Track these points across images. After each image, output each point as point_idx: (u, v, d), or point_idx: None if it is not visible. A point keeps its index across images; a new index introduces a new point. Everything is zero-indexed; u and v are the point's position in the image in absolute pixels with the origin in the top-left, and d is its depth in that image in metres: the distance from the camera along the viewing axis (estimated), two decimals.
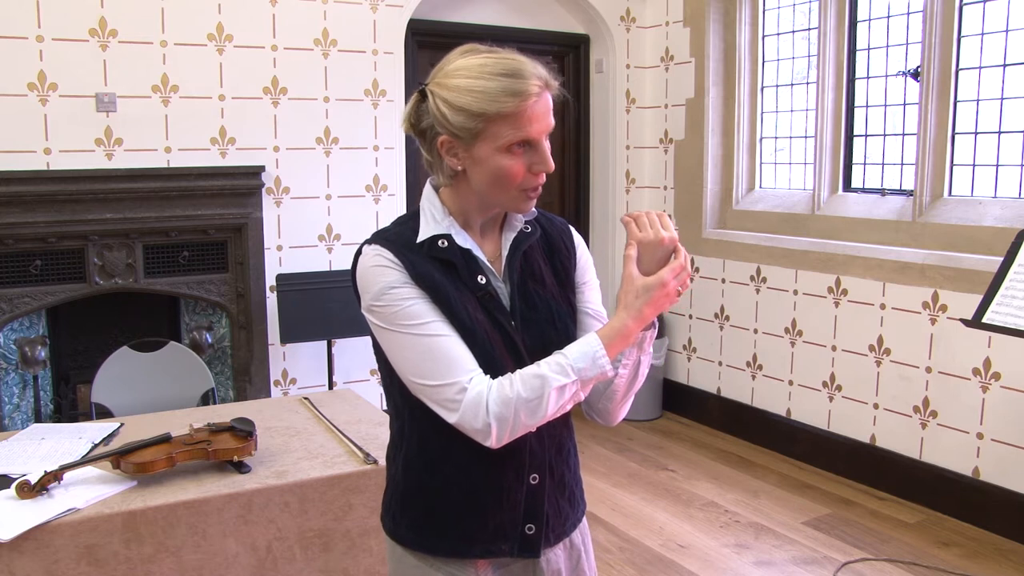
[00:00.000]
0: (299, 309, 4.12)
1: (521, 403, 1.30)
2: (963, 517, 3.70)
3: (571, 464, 1.53)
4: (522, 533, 1.44)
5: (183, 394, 3.19)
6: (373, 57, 4.47)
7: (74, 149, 3.82)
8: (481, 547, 1.43)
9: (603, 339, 1.33)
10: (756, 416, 4.71)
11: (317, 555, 2.18)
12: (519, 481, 1.43)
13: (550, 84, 1.36)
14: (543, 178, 1.38)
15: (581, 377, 1.32)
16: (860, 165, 4.36)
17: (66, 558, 1.91)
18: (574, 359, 1.32)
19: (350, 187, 4.48)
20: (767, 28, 4.74)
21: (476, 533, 1.43)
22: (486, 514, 1.42)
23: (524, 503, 1.43)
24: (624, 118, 5.33)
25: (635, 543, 3.54)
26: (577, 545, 1.55)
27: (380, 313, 1.36)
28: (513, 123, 1.31)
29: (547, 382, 1.30)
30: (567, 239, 1.54)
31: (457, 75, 1.33)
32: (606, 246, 5.46)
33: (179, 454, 2.13)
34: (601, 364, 1.32)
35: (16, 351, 3.85)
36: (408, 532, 1.47)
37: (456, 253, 1.39)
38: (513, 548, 1.44)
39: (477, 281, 1.40)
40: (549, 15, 5.21)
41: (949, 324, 3.72)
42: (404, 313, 1.34)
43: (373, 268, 1.36)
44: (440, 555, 1.44)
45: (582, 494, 1.58)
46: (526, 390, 1.30)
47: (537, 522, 1.44)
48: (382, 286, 1.35)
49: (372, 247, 1.38)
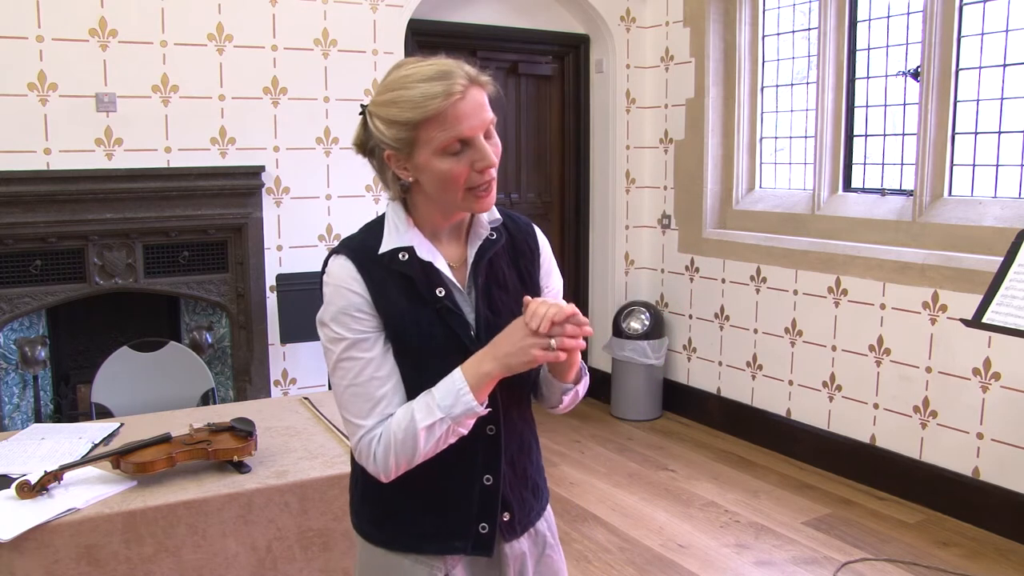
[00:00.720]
0: (299, 309, 4.11)
1: (397, 445, 1.36)
2: (963, 517, 3.70)
3: (533, 458, 1.57)
4: (476, 532, 1.47)
5: (183, 394, 3.19)
6: (373, 57, 4.47)
7: (74, 149, 3.82)
8: (437, 544, 1.47)
9: (468, 378, 1.35)
10: (756, 416, 4.71)
11: (317, 555, 2.18)
12: (471, 483, 1.46)
13: (477, 80, 1.36)
14: (491, 174, 1.38)
15: (449, 415, 1.34)
16: (860, 165, 4.36)
17: (66, 558, 1.91)
18: (439, 397, 1.35)
19: (350, 187, 4.48)
20: (767, 28, 4.74)
21: (431, 531, 1.47)
22: (440, 514, 1.47)
23: (477, 504, 1.47)
24: (624, 118, 5.33)
25: (635, 543, 3.54)
26: (543, 532, 1.59)
27: (326, 334, 1.41)
28: (441, 124, 1.32)
29: (414, 422, 1.35)
30: (531, 240, 1.55)
31: (385, 91, 1.37)
32: (606, 246, 5.46)
33: (179, 454, 2.13)
34: (466, 401, 1.34)
35: (16, 351, 3.85)
36: (370, 527, 1.52)
37: (415, 267, 1.41)
38: (467, 546, 1.47)
39: (435, 294, 1.41)
40: (549, 15, 5.21)
41: (949, 324, 3.72)
42: (346, 344, 1.39)
43: (335, 287, 1.40)
44: (399, 550, 1.48)
45: (545, 483, 1.62)
46: (399, 431, 1.36)
47: (490, 521, 1.47)
48: (336, 309, 1.39)
49: (338, 259, 1.42)
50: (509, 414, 1.48)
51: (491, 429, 1.45)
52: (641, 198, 5.40)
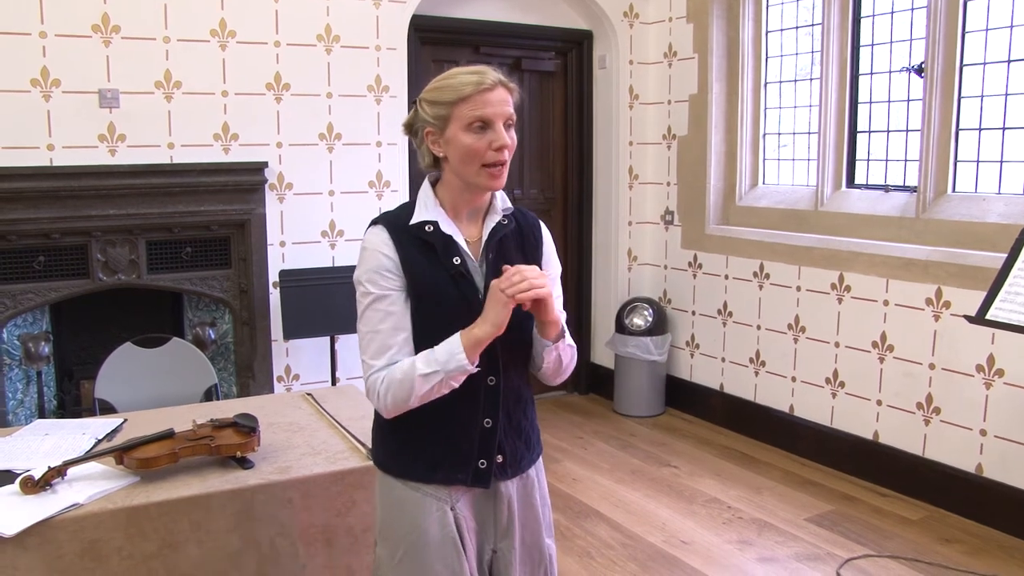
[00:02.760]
0: (302, 305, 4.12)
1: (395, 385, 1.64)
2: (966, 514, 3.70)
3: (528, 413, 1.84)
4: (475, 467, 1.74)
5: (186, 390, 3.20)
6: (376, 53, 4.46)
7: (77, 145, 3.82)
8: (443, 474, 1.73)
9: (464, 341, 1.63)
10: (759, 412, 4.71)
11: (320, 551, 2.18)
12: (473, 423, 1.73)
13: (506, 84, 1.70)
14: (504, 156, 1.68)
15: (443, 369, 1.62)
16: (864, 161, 4.35)
17: (69, 553, 1.91)
18: (439, 353, 1.63)
19: (353, 183, 4.48)
20: (770, 24, 4.73)
21: (439, 461, 1.73)
22: (447, 446, 1.73)
23: (478, 441, 1.73)
24: (627, 114, 5.33)
25: (638, 539, 3.54)
26: (532, 479, 1.86)
27: (359, 289, 1.72)
28: (471, 104, 1.65)
29: (414, 369, 1.63)
30: (536, 232, 1.86)
31: (435, 83, 1.73)
32: (609, 242, 5.46)
33: (182, 450, 2.13)
34: (459, 359, 1.62)
35: (20, 347, 3.86)
36: (388, 459, 1.79)
37: (438, 237, 1.71)
38: (467, 478, 1.73)
39: (452, 261, 1.71)
40: (552, 11, 5.20)
41: (952, 320, 3.72)
42: (372, 298, 1.69)
43: (371, 250, 1.71)
44: (411, 479, 1.74)
45: (538, 438, 1.89)
46: (399, 373, 1.64)
47: (488, 459, 1.74)
48: (369, 268, 1.70)
49: (376, 227, 1.73)
50: (508, 371, 1.75)
51: (491, 380, 1.72)
52: (644, 194, 5.39)
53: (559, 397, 5.59)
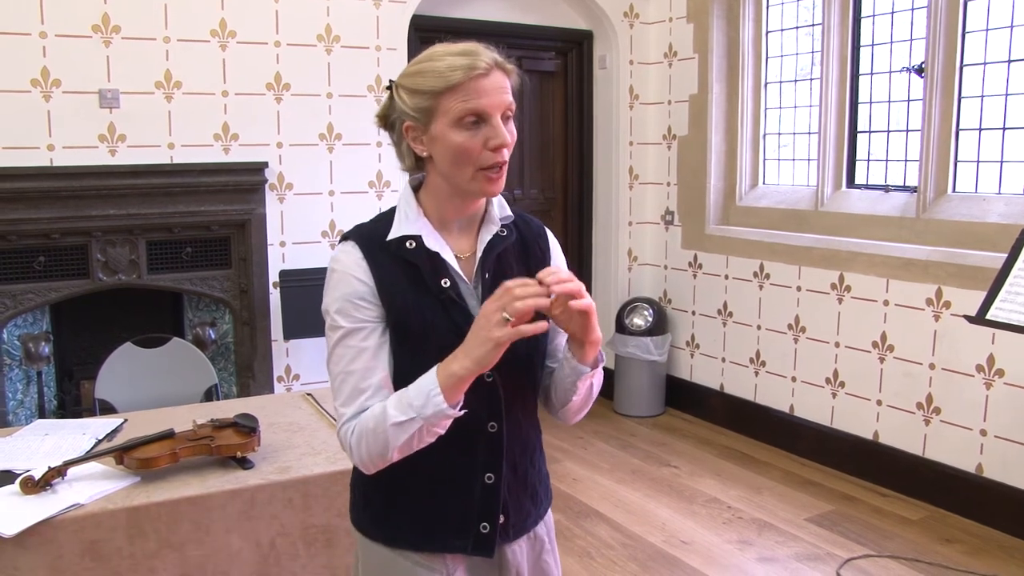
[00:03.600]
0: (302, 305, 4.12)
1: (368, 436, 1.35)
2: (966, 514, 3.70)
3: (536, 462, 1.55)
4: (477, 531, 1.45)
5: (186, 390, 3.20)
6: (376, 53, 4.46)
7: (77, 145, 3.82)
8: (438, 541, 1.45)
9: (440, 378, 1.30)
10: (759, 413, 4.71)
11: (320, 551, 2.18)
12: (473, 478, 1.44)
13: (503, 65, 1.38)
14: (503, 156, 1.38)
15: (420, 415, 1.30)
16: (864, 161, 4.35)
17: (69, 553, 1.91)
18: (412, 396, 1.32)
19: (353, 183, 4.48)
20: (771, 24, 4.73)
21: (433, 526, 1.45)
22: (441, 509, 1.45)
23: (479, 501, 1.44)
24: (627, 114, 5.33)
25: (638, 539, 3.54)
26: (541, 537, 1.58)
27: (327, 319, 1.42)
28: (462, 95, 1.33)
29: (387, 417, 1.32)
30: (542, 242, 1.56)
31: (414, 64, 1.39)
32: (609, 243, 5.46)
33: (182, 450, 2.13)
34: (436, 403, 1.29)
35: (20, 347, 3.86)
36: (370, 523, 1.50)
37: (421, 256, 1.40)
38: (467, 545, 1.45)
39: (440, 284, 1.40)
40: (553, 11, 5.20)
41: (953, 321, 3.72)
42: (343, 332, 1.39)
43: (341, 272, 1.40)
44: (401, 548, 1.46)
45: (546, 491, 1.60)
46: (371, 423, 1.34)
47: (491, 521, 1.45)
48: (339, 295, 1.39)
49: (348, 244, 1.42)
50: (512, 413, 1.45)
51: (492, 426, 1.43)
52: (644, 194, 5.39)
53: None
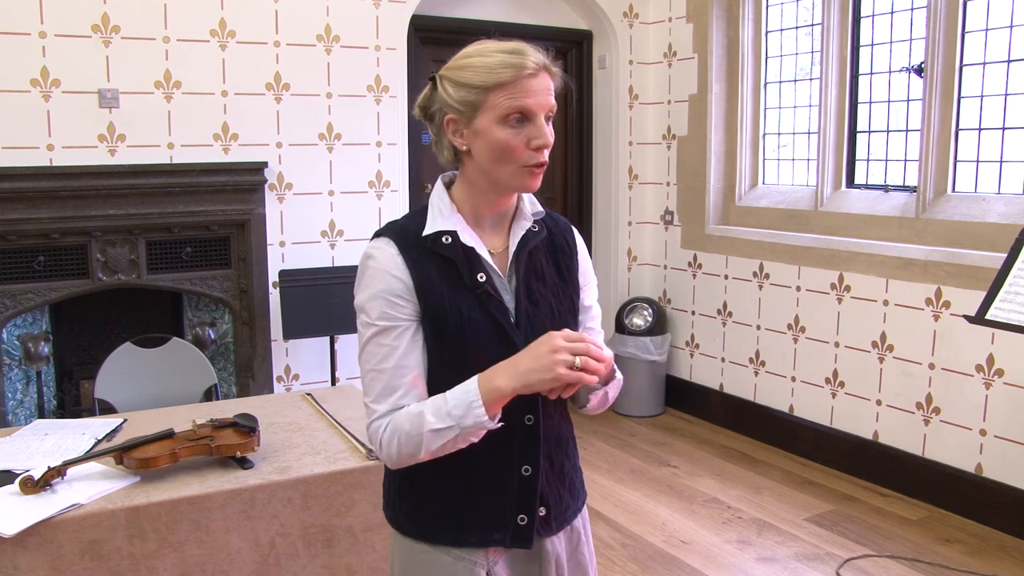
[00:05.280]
0: (302, 305, 4.12)
1: (402, 437, 1.36)
2: (966, 514, 3.70)
3: (571, 455, 1.57)
4: (515, 524, 1.46)
5: (186, 390, 3.20)
6: (376, 53, 4.46)
7: (77, 145, 3.82)
8: (476, 535, 1.45)
9: (483, 392, 1.33)
10: (759, 412, 4.71)
11: (320, 551, 2.18)
12: (510, 471, 1.45)
13: (549, 68, 1.42)
14: (544, 156, 1.40)
15: (459, 424, 1.33)
16: (863, 161, 4.35)
17: (69, 553, 1.91)
18: (452, 405, 1.33)
19: (353, 183, 4.48)
20: (770, 24, 4.73)
21: (471, 520, 1.45)
22: (479, 503, 1.45)
23: (516, 494, 1.46)
24: (627, 114, 5.33)
25: (637, 539, 3.54)
26: (578, 529, 1.58)
27: (360, 318, 1.43)
28: (510, 92, 1.36)
29: (424, 422, 1.34)
30: (569, 237, 1.57)
31: (462, 58, 1.41)
32: (609, 243, 5.46)
33: (182, 450, 2.13)
34: (477, 415, 1.32)
35: (19, 347, 3.86)
36: (407, 521, 1.50)
37: (457, 251, 1.42)
38: (506, 538, 1.46)
39: (476, 279, 1.42)
40: (552, 11, 5.20)
41: (952, 320, 3.72)
42: (376, 330, 1.40)
43: (377, 270, 1.41)
44: (439, 543, 1.46)
45: (582, 484, 1.62)
46: (406, 424, 1.36)
47: (530, 512, 1.46)
48: (374, 292, 1.40)
49: (382, 240, 1.44)
50: (547, 406, 1.47)
51: (529, 419, 1.44)
52: (644, 194, 5.39)
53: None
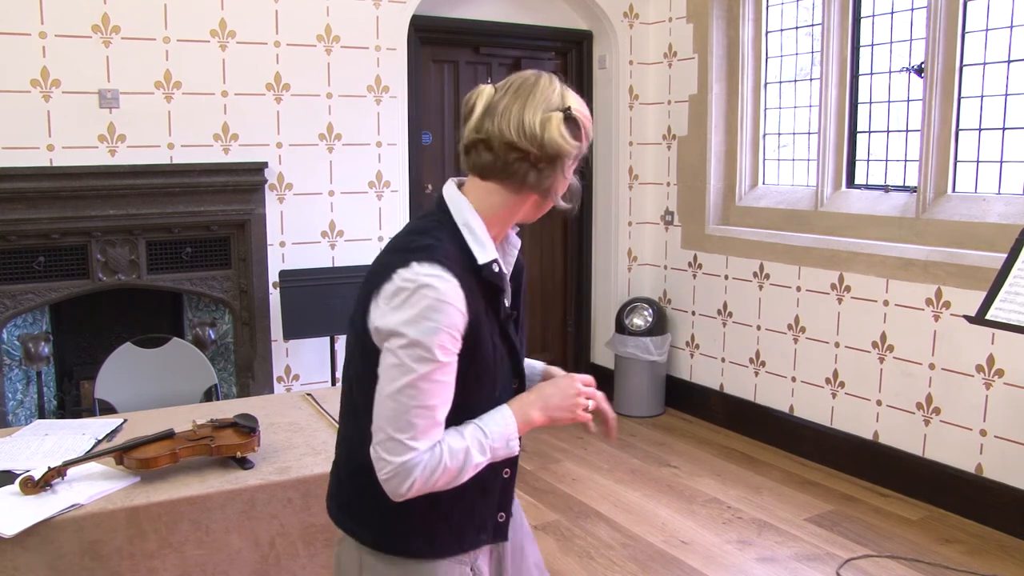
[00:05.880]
0: (302, 305, 4.12)
1: (442, 473, 1.34)
2: (966, 514, 3.70)
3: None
4: (495, 522, 1.54)
5: (186, 390, 3.20)
6: (376, 53, 4.46)
7: (77, 145, 3.82)
8: (469, 541, 1.51)
9: (519, 425, 1.41)
10: (759, 413, 4.71)
11: (320, 551, 2.18)
12: (495, 477, 1.51)
13: None
14: None
15: (494, 456, 1.40)
16: (864, 161, 4.35)
17: (69, 553, 1.91)
18: (493, 439, 1.38)
19: (353, 183, 4.48)
20: (770, 24, 4.73)
21: (463, 529, 1.50)
22: (472, 510, 1.50)
23: (498, 496, 1.54)
24: (627, 114, 5.33)
25: (637, 539, 3.54)
26: (518, 514, 1.68)
27: (413, 352, 1.30)
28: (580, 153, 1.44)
29: (469, 459, 1.36)
30: (519, 256, 1.58)
31: (584, 106, 1.43)
32: (609, 242, 5.46)
33: (182, 450, 2.13)
34: (512, 448, 1.41)
35: (19, 347, 3.86)
36: (396, 541, 1.47)
37: (504, 279, 1.43)
38: (488, 536, 1.54)
39: (504, 305, 1.44)
40: (552, 11, 5.21)
41: (952, 321, 3.72)
42: (435, 367, 1.31)
43: (441, 302, 1.30)
44: (431, 556, 1.48)
45: None
46: (452, 462, 1.35)
47: (507, 510, 1.56)
48: (438, 326, 1.30)
49: (437, 268, 1.32)
50: None
51: None
52: (644, 194, 5.39)
53: None
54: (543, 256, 5.53)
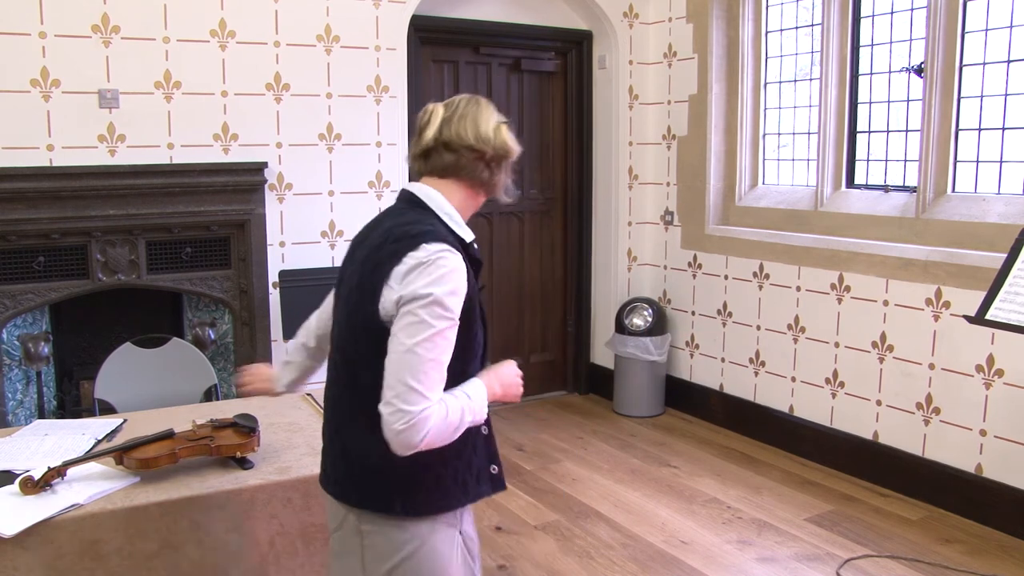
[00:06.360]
0: (302, 305, 4.09)
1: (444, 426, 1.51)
2: (966, 514, 3.70)
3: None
4: (489, 473, 1.72)
5: (186, 390, 3.20)
6: (376, 53, 4.46)
7: (77, 145, 3.82)
8: (472, 494, 1.69)
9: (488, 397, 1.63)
10: (759, 413, 4.71)
11: (319, 550, 2.18)
12: (477, 432, 1.69)
13: None
14: None
15: (475, 420, 1.59)
16: (863, 161, 4.35)
17: (69, 553, 1.91)
18: (475, 403, 1.58)
19: (353, 183, 4.48)
20: (770, 24, 4.73)
21: (466, 480, 1.67)
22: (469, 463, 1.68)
23: (485, 448, 1.72)
24: (627, 114, 5.33)
25: (638, 539, 3.54)
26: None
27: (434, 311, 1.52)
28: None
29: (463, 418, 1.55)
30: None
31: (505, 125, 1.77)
32: (609, 242, 5.46)
33: (182, 450, 2.13)
34: (486, 414, 1.64)
35: (19, 347, 3.86)
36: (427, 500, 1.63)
37: (482, 255, 1.72)
38: (488, 487, 1.72)
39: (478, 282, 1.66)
40: (552, 11, 5.21)
41: (952, 321, 3.72)
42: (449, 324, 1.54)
43: (459, 271, 1.56)
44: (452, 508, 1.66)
45: None
46: (454, 416, 1.53)
47: (497, 463, 1.74)
48: (454, 290, 1.54)
49: (443, 246, 1.57)
50: None
51: None
52: (644, 194, 5.39)
53: (559, 397, 5.59)
54: (543, 256, 5.53)
